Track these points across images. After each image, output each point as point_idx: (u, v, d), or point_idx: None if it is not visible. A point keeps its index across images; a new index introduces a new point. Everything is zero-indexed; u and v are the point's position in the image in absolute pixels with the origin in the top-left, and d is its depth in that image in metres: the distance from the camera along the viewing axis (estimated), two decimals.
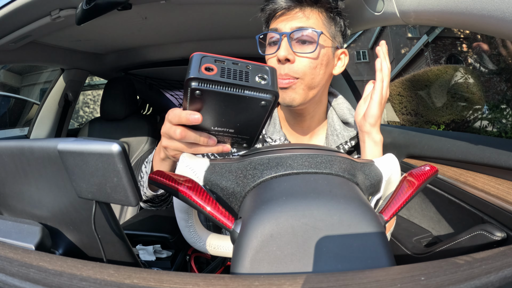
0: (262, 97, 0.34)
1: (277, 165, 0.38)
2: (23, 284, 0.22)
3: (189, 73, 0.33)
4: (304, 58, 0.59)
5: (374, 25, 0.86)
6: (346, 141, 0.67)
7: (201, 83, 0.33)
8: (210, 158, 0.49)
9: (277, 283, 0.23)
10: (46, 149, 0.35)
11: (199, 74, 0.32)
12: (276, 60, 0.59)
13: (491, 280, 0.22)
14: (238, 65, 0.34)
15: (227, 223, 0.35)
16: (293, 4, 0.58)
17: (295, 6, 0.58)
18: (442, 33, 9.08)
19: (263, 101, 0.35)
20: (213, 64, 0.33)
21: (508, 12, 0.43)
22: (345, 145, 0.67)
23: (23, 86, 7.32)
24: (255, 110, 0.36)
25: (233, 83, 0.33)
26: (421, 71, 7.35)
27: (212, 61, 0.33)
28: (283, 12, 0.59)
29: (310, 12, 0.59)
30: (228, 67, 0.34)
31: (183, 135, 0.40)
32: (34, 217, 0.42)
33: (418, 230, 0.78)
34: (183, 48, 1.49)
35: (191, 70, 0.33)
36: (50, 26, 0.92)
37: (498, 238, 0.54)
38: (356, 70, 16.02)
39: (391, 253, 0.30)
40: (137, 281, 0.23)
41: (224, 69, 0.33)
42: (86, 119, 9.76)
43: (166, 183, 0.36)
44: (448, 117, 6.46)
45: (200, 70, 0.32)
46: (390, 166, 0.44)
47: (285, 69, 0.58)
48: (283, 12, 0.59)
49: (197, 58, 0.33)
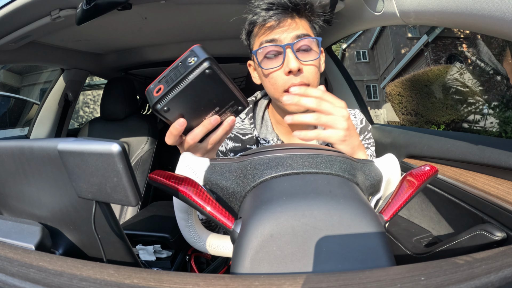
0: (202, 69, 0.39)
1: (277, 165, 0.38)
2: (23, 284, 0.22)
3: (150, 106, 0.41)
4: (310, 66, 0.59)
5: (374, 25, 0.86)
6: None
7: (160, 103, 0.40)
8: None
9: (277, 283, 0.23)
10: (46, 149, 0.35)
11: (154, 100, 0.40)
12: (284, 73, 0.59)
13: (491, 280, 0.22)
14: (172, 68, 0.41)
15: (227, 223, 0.35)
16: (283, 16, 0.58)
17: (286, 17, 0.58)
18: (442, 33, 9.08)
19: (206, 71, 0.39)
20: (158, 84, 0.41)
21: (508, 12, 0.43)
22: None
23: (23, 86, 7.32)
24: (210, 81, 0.41)
25: (177, 81, 0.39)
26: (421, 71, 7.35)
27: (156, 83, 0.41)
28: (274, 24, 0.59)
29: (299, 21, 0.60)
30: (167, 76, 0.41)
31: (191, 139, 0.43)
32: (34, 217, 0.42)
33: (418, 230, 0.78)
34: (183, 48, 1.49)
35: (150, 102, 0.41)
36: (50, 26, 0.92)
37: (498, 238, 0.54)
38: (356, 70, 16.03)
39: (391, 253, 0.30)
40: (137, 281, 0.23)
41: (166, 79, 0.41)
42: (86, 119, 9.77)
43: (166, 183, 0.36)
44: (448, 117, 6.46)
45: (153, 97, 0.40)
46: (390, 166, 0.44)
47: (297, 79, 0.58)
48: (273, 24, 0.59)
49: (148, 92, 0.41)
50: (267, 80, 0.62)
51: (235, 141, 0.69)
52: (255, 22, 0.61)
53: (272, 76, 0.60)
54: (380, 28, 13.27)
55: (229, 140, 0.69)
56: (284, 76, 0.59)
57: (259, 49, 0.60)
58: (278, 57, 0.60)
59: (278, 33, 0.59)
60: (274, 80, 0.60)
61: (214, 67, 0.40)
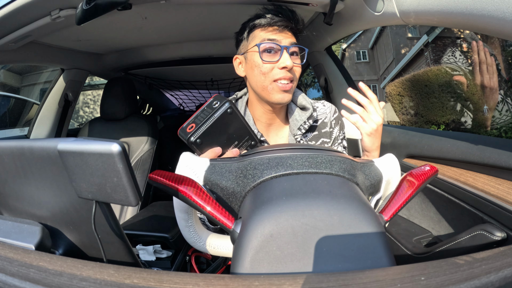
0: (225, 109, 0.52)
1: (277, 165, 0.38)
2: (23, 284, 0.22)
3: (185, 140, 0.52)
4: (296, 67, 0.74)
5: (374, 25, 0.86)
6: (305, 121, 0.79)
7: (193, 136, 0.51)
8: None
9: (277, 283, 0.23)
10: (46, 149, 0.35)
11: (188, 135, 0.52)
12: (278, 67, 0.71)
13: (491, 280, 0.22)
14: (201, 111, 0.54)
15: (227, 223, 0.35)
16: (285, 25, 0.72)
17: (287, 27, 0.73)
18: (442, 33, 9.07)
19: (228, 110, 0.53)
20: (190, 123, 0.53)
21: (508, 12, 0.43)
22: (304, 125, 0.79)
23: (23, 86, 7.32)
24: (231, 119, 0.53)
25: (206, 118, 0.52)
26: (421, 71, 7.34)
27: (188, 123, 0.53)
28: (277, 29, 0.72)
29: (291, 34, 0.74)
30: (197, 117, 0.53)
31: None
32: (34, 217, 0.42)
33: (418, 230, 0.78)
34: (183, 48, 1.49)
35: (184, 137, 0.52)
36: (50, 26, 0.92)
37: (498, 238, 0.54)
38: (356, 70, 16.03)
39: (391, 253, 0.30)
40: (137, 281, 0.23)
41: (196, 119, 0.53)
42: (86, 119, 9.77)
43: (166, 183, 0.36)
44: (448, 117, 6.46)
45: (187, 132, 0.52)
46: (390, 166, 0.44)
47: (288, 74, 0.72)
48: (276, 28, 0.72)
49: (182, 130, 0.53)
50: (259, 70, 0.72)
51: None
52: (260, 24, 0.72)
53: (267, 67, 0.71)
54: (380, 28, 13.27)
55: None
56: (277, 70, 0.71)
57: (262, 44, 0.71)
58: (275, 54, 0.72)
59: (279, 36, 0.72)
60: (268, 70, 0.72)
61: (233, 107, 0.53)
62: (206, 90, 2.29)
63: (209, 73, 1.87)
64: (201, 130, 0.51)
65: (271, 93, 0.72)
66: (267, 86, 0.72)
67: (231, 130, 0.54)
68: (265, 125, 0.81)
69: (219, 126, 0.52)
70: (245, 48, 0.77)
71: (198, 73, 1.86)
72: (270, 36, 0.71)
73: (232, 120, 0.53)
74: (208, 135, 0.52)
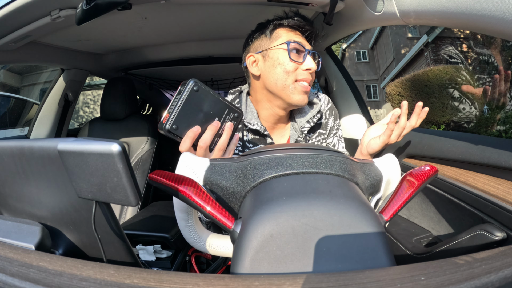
0: (190, 87, 0.50)
1: (277, 165, 0.38)
2: (23, 284, 0.22)
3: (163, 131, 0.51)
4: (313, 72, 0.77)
5: (374, 25, 0.86)
6: (314, 115, 0.81)
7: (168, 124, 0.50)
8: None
9: (277, 283, 0.23)
10: (46, 149, 0.35)
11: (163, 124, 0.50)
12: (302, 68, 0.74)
13: (491, 280, 0.22)
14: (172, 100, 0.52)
15: (227, 223, 0.35)
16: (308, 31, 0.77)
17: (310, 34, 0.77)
18: (442, 33, 9.07)
19: (194, 88, 0.51)
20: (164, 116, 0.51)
21: (508, 12, 0.43)
22: (313, 119, 0.81)
23: (23, 86, 7.32)
24: (201, 96, 0.52)
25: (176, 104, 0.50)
26: (421, 71, 7.34)
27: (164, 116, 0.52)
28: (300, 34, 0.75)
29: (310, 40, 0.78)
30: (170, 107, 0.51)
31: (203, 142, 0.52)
32: (34, 217, 0.42)
33: (418, 230, 0.78)
34: (183, 48, 1.49)
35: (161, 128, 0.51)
36: (50, 26, 0.92)
37: (498, 238, 0.54)
38: (356, 70, 16.03)
39: (391, 253, 0.30)
40: (137, 281, 0.23)
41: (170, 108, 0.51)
42: (86, 119, 9.76)
43: (166, 183, 0.36)
44: (448, 117, 6.46)
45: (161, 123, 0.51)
46: (390, 166, 0.44)
47: (310, 76, 0.75)
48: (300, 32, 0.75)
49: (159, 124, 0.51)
50: (282, 68, 0.73)
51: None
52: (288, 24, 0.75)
53: (292, 66, 0.73)
54: (380, 28, 13.27)
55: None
56: (301, 71, 0.74)
57: (291, 42, 0.73)
58: (300, 56, 0.74)
59: (303, 40, 0.75)
60: (292, 69, 0.73)
61: (199, 84, 0.51)
62: None
63: (209, 73, 1.87)
64: (174, 115, 0.50)
65: (293, 93, 0.73)
66: (289, 86, 0.72)
67: (205, 107, 0.52)
68: (270, 124, 0.81)
69: (191, 106, 0.51)
70: (265, 45, 0.76)
71: (198, 73, 1.86)
72: (296, 38, 0.74)
73: (203, 98, 0.51)
74: (183, 118, 0.51)
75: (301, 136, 0.80)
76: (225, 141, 0.54)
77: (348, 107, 1.27)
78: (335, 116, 0.87)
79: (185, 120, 0.51)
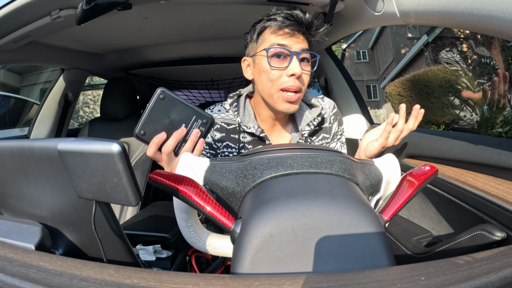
0: (157, 95, 0.53)
1: (277, 165, 0.38)
2: (23, 284, 0.22)
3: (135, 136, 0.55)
4: (306, 74, 0.70)
5: (374, 25, 0.86)
6: (314, 118, 0.79)
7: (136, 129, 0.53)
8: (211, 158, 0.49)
9: (277, 283, 0.23)
10: (46, 149, 0.35)
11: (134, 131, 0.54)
12: (287, 75, 0.68)
13: (491, 280, 0.22)
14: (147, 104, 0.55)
15: (227, 223, 0.35)
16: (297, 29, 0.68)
17: (299, 31, 0.68)
18: (442, 33, 9.07)
19: (160, 95, 0.53)
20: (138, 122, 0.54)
21: (508, 12, 0.43)
22: (314, 122, 0.79)
23: (23, 86, 7.32)
24: (168, 103, 0.54)
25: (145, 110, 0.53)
26: (421, 71, 7.34)
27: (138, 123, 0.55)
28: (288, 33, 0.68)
29: (304, 38, 0.70)
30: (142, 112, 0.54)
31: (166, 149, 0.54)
32: (34, 217, 0.42)
33: (418, 230, 0.78)
34: (183, 48, 1.49)
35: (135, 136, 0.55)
36: (50, 26, 0.92)
37: (498, 238, 0.54)
38: (356, 70, 16.02)
39: (391, 253, 0.30)
40: (137, 281, 0.23)
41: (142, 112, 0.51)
42: (86, 119, 9.76)
43: (166, 183, 0.36)
44: (448, 117, 6.46)
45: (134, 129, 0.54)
46: (390, 166, 0.44)
47: (296, 82, 0.68)
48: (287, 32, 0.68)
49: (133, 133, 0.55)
50: (266, 76, 0.69)
51: (221, 131, 0.78)
52: (270, 26, 0.69)
53: (275, 74, 0.68)
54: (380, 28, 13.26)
55: (216, 131, 0.77)
56: (285, 77, 0.68)
57: (271, 48, 0.68)
58: (284, 60, 0.68)
59: (290, 41, 0.68)
60: (276, 77, 0.68)
61: (166, 91, 0.53)
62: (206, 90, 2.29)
63: (209, 73, 1.87)
64: (141, 121, 0.53)
65: (277, 102, 0.70)
66: (273, 94, 0.69)
67: (172, 114, 0.54)
68: (269, 126, 0.80)
69: (158, 113, 0.54)
70: (253, 50, 0.74)
71: (198, 73, 1.86)
72: (280, 41, 0.67)
73: (170, 105, 0.54)
74: (149, 124, 0.54)
75: (302, 139, 0.80)
76: (189, 147, 0.56)
77: (348, 107, 1.28)
78: (340, 121, 0.86)
79: (152, 126, 0.54)
